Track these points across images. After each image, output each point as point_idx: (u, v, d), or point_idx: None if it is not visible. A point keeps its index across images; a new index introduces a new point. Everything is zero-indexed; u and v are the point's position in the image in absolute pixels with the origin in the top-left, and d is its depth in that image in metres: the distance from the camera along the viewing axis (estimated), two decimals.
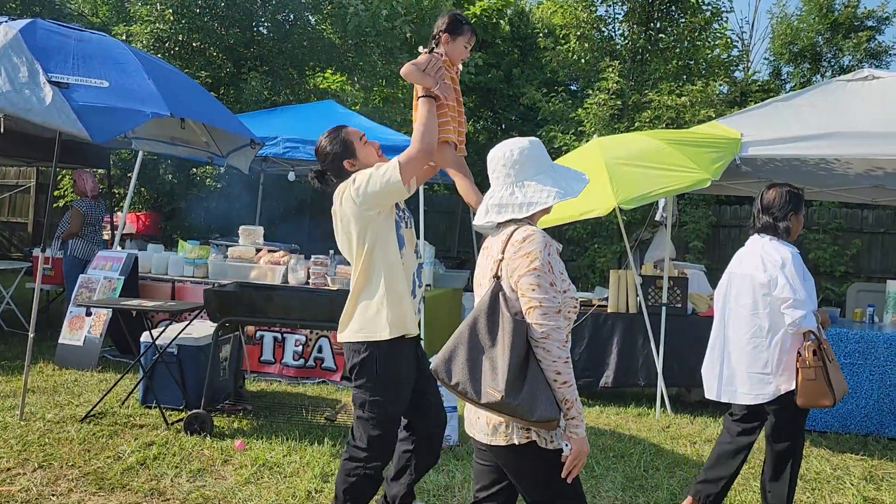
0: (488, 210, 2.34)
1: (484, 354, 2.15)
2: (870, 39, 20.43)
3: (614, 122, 8.56)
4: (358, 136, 3.08)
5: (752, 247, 3.53)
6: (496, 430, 2.23)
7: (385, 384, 2.93)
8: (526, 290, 2.16)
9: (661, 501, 3.93)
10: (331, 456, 4.32)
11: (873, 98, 6.17)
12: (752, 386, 3.41)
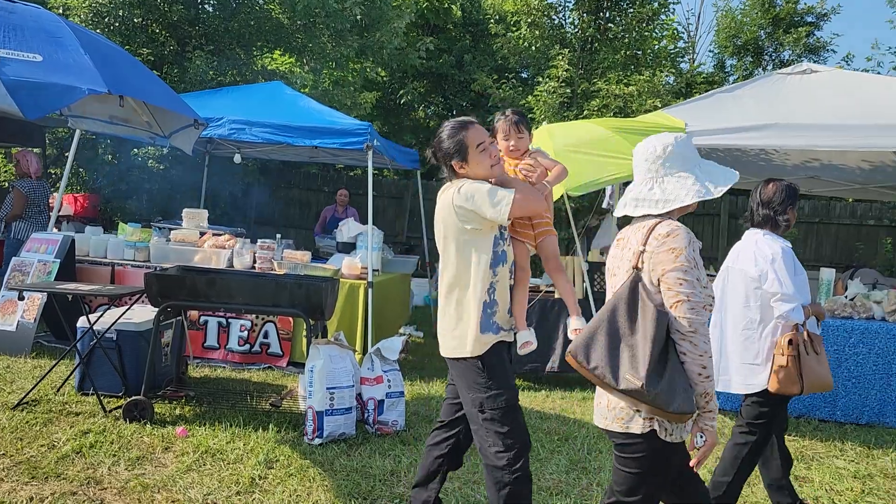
0: (626, 204, 2.43)
1: (623, 342, 2.20)
2: (809, 35, 21.06)
3: (564, 109, 8.63)
4: (477, 142, 2.83)
5: (746, 241, 3.62)
6: (614, 414, 2.31)
7: (496, 374, 2.80)
8: (673, 284, 2.21)
9: (604, 482, 4.01)
10: (276, 442, 4.27)
11: (811, 91, 6.36)
12: (744, 376, 3.53)
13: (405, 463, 4.11)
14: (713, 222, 12.91)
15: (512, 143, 3.03)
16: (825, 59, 20.96)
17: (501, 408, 2.77)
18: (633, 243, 2.35)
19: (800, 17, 21.36)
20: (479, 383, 2.79)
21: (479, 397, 2.79)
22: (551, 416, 5.28)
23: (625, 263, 2.37)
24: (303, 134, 6.49)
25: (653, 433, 2.23)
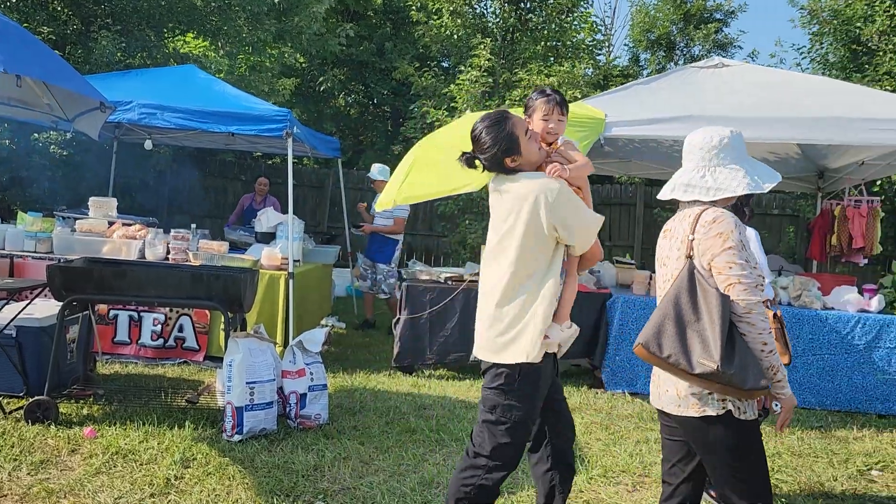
0: (675, 188, 2.50)
1: (689, 328, 2.29)
2: (718, 31, 21.90)
3: (486, 99, 8.64)
4: (523, 129, 2.74)
5: None
6: (687, 401, 2.37)
7: (525, 389, 2.69)
8: (723, 268, 2.32)
9: (528, 470, 4.03)
10: (192, 440, 4.10)
11: (723, 85, 6.58)
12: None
13: (329, 457, 4.02)
14: (629, 211, 13.26)
15: (551, 125, 2.84)
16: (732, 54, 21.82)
17: (514, 421, 2.69)
18: (680, 233, 2.46)
19: (709, 14, 22.20)
20: (504, 388, 2.69)
21: (497, 401, 2.70)
22: (476, 406, 5.28)
23: (674, 253, 2.48)
24: (218, 120, 6.25)
25: (728, 414, 2.33)
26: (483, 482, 2.71)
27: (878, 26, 8.58)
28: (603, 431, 4.84)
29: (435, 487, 3.72)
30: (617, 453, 4.40)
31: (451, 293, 6.10)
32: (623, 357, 5.95)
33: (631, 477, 4.04)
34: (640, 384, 5.94)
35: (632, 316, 5.93)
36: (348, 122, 18.34)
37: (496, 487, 2.75)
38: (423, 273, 6.44)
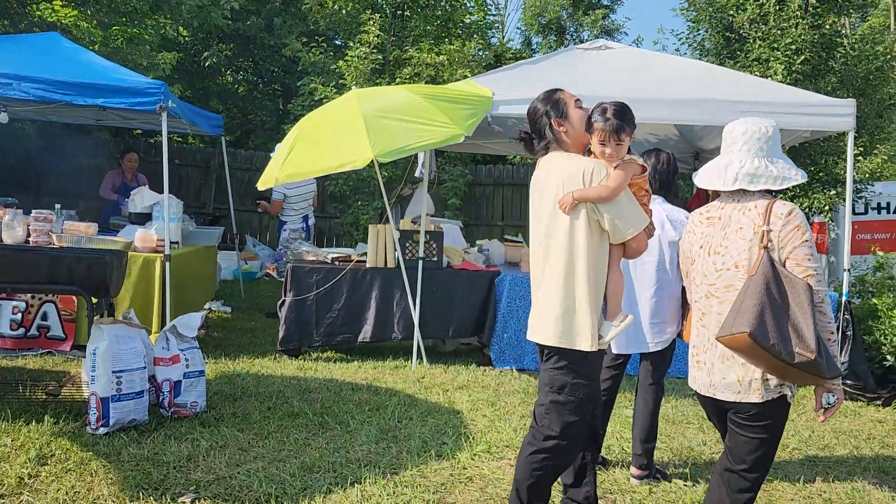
0: (738, 178, 2.56)
1: (785, 318, 2.37)
2: (605, 17, 22.54)
3: (375, 76, 8.48)
4: (573, 99, 2.86)
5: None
6: (750, 387, 2.50)
7: (591, 368, 2.80)
8: (802, 260, 2.44)
9: (414, 449, 3.99)
10: (52, 435, 3.80)
11: (606, 66, 6.72)
12: (653, 335, 3.76)
13: (204, 446, 3.83)
14: (521, 191, 13.47)
15: (608, 151, 2.77)
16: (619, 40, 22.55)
17: (581, 398, 2.76)
18: (746, 222, 2.53)
19: (597, 1, 22.82)
20: (570, 368, 2.77)
21: (564, 380, 2.77)
22: (362, 387, 5.20)
23: (737, 243, 2.54)
24: (84, 92, 5.80)
25: (783, 398, 2.51)
26: (555, 462, 2.78)
27: (749, 14, 9.02)
28: (489, 408, 4.87)
29: (316, 472, 3.61)
30: (502, 429, 4.44)
31: (338, 274, 5.96)
32: (511, 334, 6.01)
33: (514, 451, 4.07)
34: (526, 360, 6.03)
35: (519, 294, 6.00)
36: (237, 100, 17.63)
37: (566, 467, 2.86)
38: (309, 254, 6.26)
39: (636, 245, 2.82)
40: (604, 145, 2.76)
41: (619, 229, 2.75)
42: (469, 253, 6.47)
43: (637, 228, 2.78)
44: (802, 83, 8.86)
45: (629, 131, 2.77)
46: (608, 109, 2.76)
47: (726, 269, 2.55)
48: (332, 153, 5.03)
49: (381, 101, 5.39)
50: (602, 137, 2.75)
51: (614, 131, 2.74)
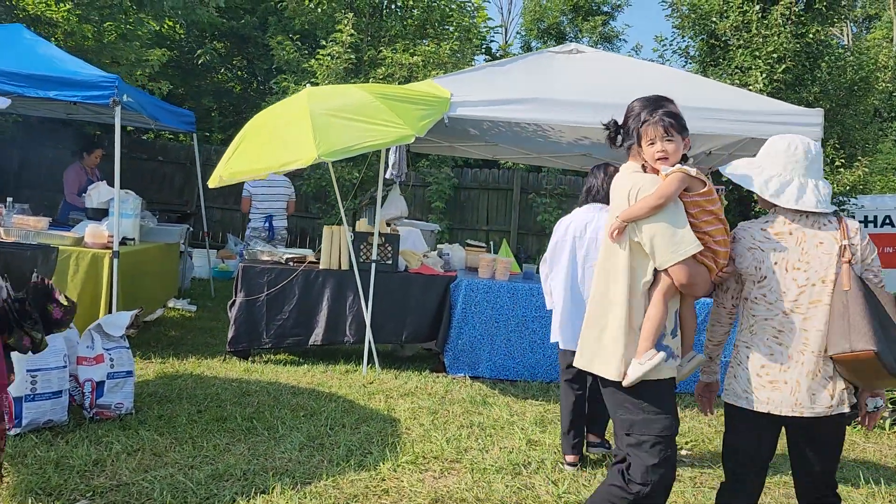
0: (820, 200, 2.50)
1: (891, 330, 2.41)
2: (605, 24, 22.41)
3: (349, 76, 8.37)
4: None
5: (591, 214, 4.12)
6: (841, 399, 2.47)
7: (660, 395, 2.50)
8: (878, 270, 2.53)
9: (337, 458, 3.86)
10: None
11: (575, 70, 6.59)
12: None
13: (116, 449, 3.71)
14: (506, 196, 13.34)
15: (657, 150, 2.49)
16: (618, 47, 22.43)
17: (655, 436, 2.47)
18: (826, 237, 2.50)
19: (597, 7, 22.70)
20: (634, 403, 2.50)
21: (630, 419, 2.51)
22: (303, 391, 5.07)
23: (819, 258, 2.49)
24: (35, 83, 5.70)
25: (855, 405, 2.53)
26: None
27: (731, 22, 8.87)
28: (428, 416, 4.73)
29: (225, 480, 3.49)
30: (436, 439, 4.30)
31: (290, 274, 5.84)
32: (465, 341, 5.88)
33: (441, 463, 3.94)
34: (481, 367, 5.89)
35: (475, 299, 5.86)
36: (231, 98, 17.56)
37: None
38: (263, 253, 6.15)
39: (680, 277, 2.42)
40: (652, 144, 2.48)
41: (657, 252, 2.43)
42: (428, 257, 6.34)
43: (678, 254, 2.40)
44: (784, 92, 8.72)
45: (678, 127, 2.49)
46: (658, 109, 2.49)
47: (811, 285, 2.48)
48: (276, 151, 4.91)
49: (331, 100, 5.27)
50: (651, 136, 2.48)
51: (665, 127, 2.46)
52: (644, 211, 2.41)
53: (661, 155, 2.47)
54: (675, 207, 2.44)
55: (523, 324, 5.88)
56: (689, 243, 2.41)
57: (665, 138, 2.47)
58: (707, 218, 2.48)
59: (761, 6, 8.90)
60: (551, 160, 9.55)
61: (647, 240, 2.42)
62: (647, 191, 2.43)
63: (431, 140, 8.64)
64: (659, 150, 2.47)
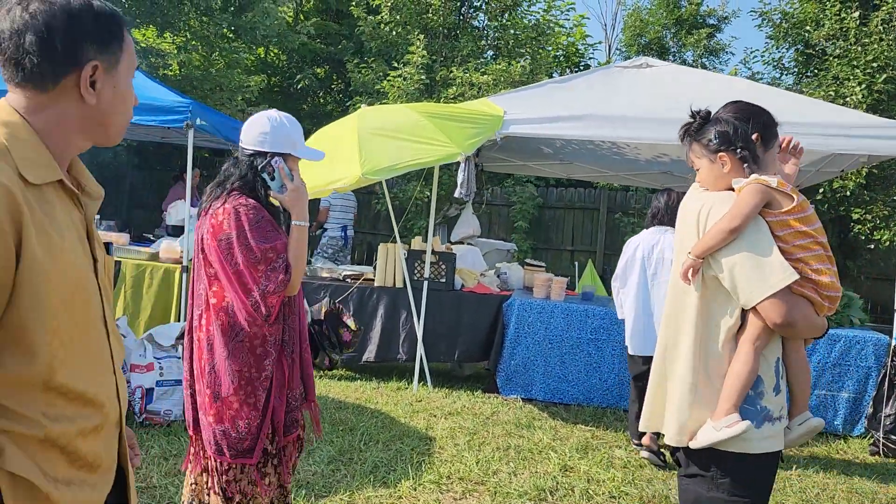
0: None
1: None
2: (710, 37, 21.64)
3: (421, 96, 8.50)
4: (787, 140, 2.21)
5: (657, 236, 4.63)
6: None
7: (751, 474, 2.06)
8: None
9: (360, 474, 3.88)
10: None
11: (641, 85, 6.39)
12: None
13: (154, 452, 3.90)
14: (593, 216, 13.07)
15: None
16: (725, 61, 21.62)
17: None
18: None
19: (702, 19, 21.95)
20: (708, 477, 2.07)
21: (696, 491, 2.10)
22: (349, 406, 5.14)
23: None
24: None
25: None
26: None
27: (827, 30, 8.35)
28: (465, 437, 4.67)
29: None
30: (466, 460, 4.24)
31: (346, 291, 5.96)
32: (518, 361, 5.78)
33: (465, 485, 3.88)
34: (534, 389, 5.77)
35: (528, 319, 5.76)
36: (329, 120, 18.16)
37: None
38: (323, 270, 6.31)
39: (773, 316, 1.96)
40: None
41: (739, 288, 1.99)
42: (485, 275, 6.30)
43: (766, 288, 1.96)
44: (886, 104, 8.10)
45: (736, 127, 2.08)
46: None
47: None
48: (324, 170, 5.04)
49: (380, 119, 5.37)
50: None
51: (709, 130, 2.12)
52: (718, 238, 1.99)
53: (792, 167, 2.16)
54: (756, 228, 2.01)
55: (578, 346, 5.72)
56: (779, 272, 1.96)
57: (703, 145, 2.16)
58: (801, 241, 2.02)
59: (860, 13, 8.32)
60: (629, 178, 9.29)
61: (727, 273, 1.99)
62: (718, 211, 2.04)
63: (506, 159, 8.61)
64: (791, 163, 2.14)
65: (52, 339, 1.21)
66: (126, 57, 1.34)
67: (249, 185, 2.33)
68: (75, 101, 1.29)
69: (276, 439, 2.37)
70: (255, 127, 2.36)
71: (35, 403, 1.21)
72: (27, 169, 1.22)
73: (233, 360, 2.28)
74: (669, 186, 4.66)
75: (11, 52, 1.24)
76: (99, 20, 1.29)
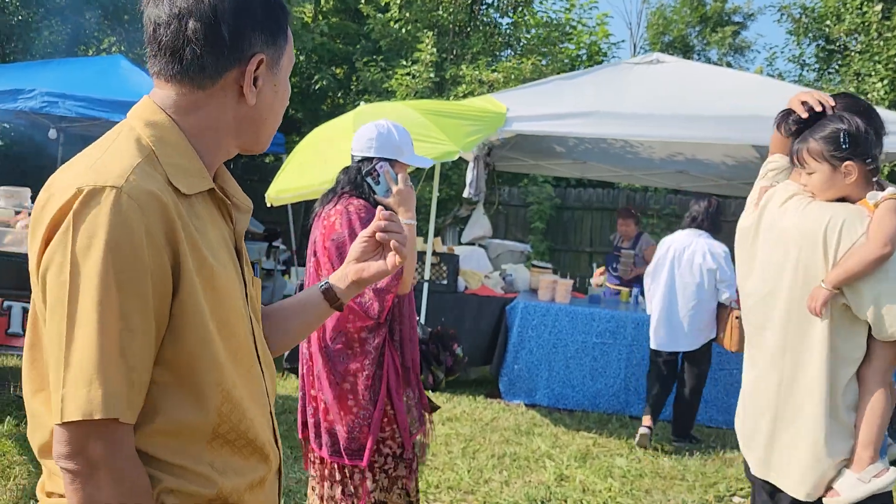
0: None
1: None
2: (735, 34, 21.22)
3: (430, 94, 8.38)
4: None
5: (689, 239, 4.84)
6: None
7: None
8: None
9: None
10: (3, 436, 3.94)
11: (650, 81, 6.19)
12: (691, 339, 4.76)
13: None
14: (611, 216, 12.85)
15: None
16: (751, 59, 21.19)
17: None
18: None
19: (727, 17, 21.55)
20: None
21: None
22: None
23: None
24: (119, 108, 6.11)
25: None
26: None
27: (847, 25, 8.07)
28: (461, 444, 4.53)
29: None
30: (458, 468, 4.10)
31: None
32: (522, 366, 5.62)
33: (453, 494, 3.74)
34: (538, 395, 5.60)
35: (532, 323, 5.60)
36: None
37: None
38: None
39: None
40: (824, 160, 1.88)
41: (887, 319, 1.78)
42: (490, 277, 6.15)
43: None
44: None
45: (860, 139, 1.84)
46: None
47: None
48: (317, 171, 4.94)
49: (376, 117, 5.24)
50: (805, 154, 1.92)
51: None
52: (864, 267, 1.77)
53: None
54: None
55: (583, 350, 5.54)
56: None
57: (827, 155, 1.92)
58: None
59: (883, 6, 8.03)
60: (644, 178, 9.10)
61: (869, 303, 1.79)
62: (853, 229, 1.82)
63: (519, 158, 8.46)
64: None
65: (220, 377, 1.05)
66: (288, 52, 1.16)
67: (358, 189, 2.43)
68: (233, 101, 1.10)
69: (404, 439, 2.38)
70: (364, 134, 2.52)
71: (202, 455, 1.05)
72: (177, 177, 1.05)
73: (341, 361, 2.32)
74: (711, 193, 5.19)
75: (168, 40, 1.05)
76: (267, 8, 1.10)
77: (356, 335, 2.31)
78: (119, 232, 0.94)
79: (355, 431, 2.31)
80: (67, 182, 0.99)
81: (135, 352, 0.95)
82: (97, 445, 0.94)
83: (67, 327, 0.93)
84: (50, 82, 6.37)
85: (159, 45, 1.06)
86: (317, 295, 1.37)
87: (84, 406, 0.92)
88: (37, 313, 1.04)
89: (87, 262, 0.93)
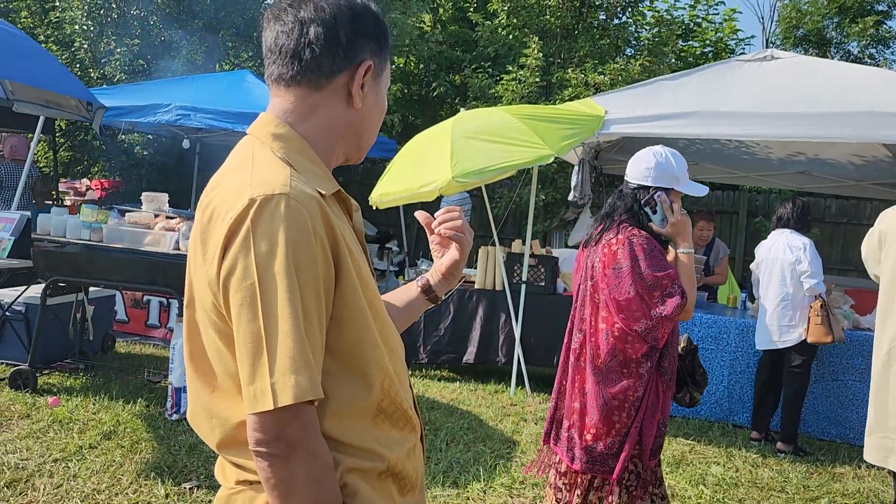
0: None
1: None
2: (877, 24, 19.71)
3: (537, 98, 8.41)
4: None
5: (776, 237, 4.95)
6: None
7: None
8: None
9: (434, 473, 3.92)
10: (133, 415, 4.40)
11: (761, 79, 5.96)
12: (781, 334, 4.77)
13: None
14: (731, 220, 12.33)
15: None
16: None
17: None
18: None
19: (870, 6, 20.05)
20: None
21: None
22: (442, 407, 5.20)
23: None
24: (243, 119, 6.63)
25: None
26: None
27: None
28: None
29: None
30: None
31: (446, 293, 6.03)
32: None
33: (536, 490, 3.81)
34: None
35: None
36: None
37: None
38: None
39: None
40: None
41: None
42: None
43: None
44: None
45: None
46: None
47: None
48: (417, 175, 5.15)
49: (474, 123, 5.39)
50: None
51: None
52: None
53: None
54: None
55: None
56: None
57: None
58: None
59: None
60: (761, 179, 8.71)
61: None
62: None
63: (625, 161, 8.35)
64: None
65: (381, 357, 1.14)
66: (388, 66, 1.27)
67: (636, 217, 2.52)
68: (343, 104, 1.20)
69: (643, 460, 2.49)
70: (642, 162, 2.54)
71: (369, 432, 1.14)
72: (314, 182, 1.13)
73: (613, 382, 2.44)
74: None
75: (290, 44, 1.16)
76: (377, 22, 1.23)
77: (634, 356, 2.43)
78: (295, 233, 1.03)
79: (614, 448, 2.45)
80: (231, 197, 1.07)
81: (315, 342, 1.05)
82: (295, 427, 1.02)
83: (265, 324, 1.01)
84: (184, 97, 6.99)
85: (280, 51, 1.17)
86: (415, 290, 1.52)
87: (295, 391, 1.00)
88: (195, 321, 1.17)
89: (273, 263, 1.02)
